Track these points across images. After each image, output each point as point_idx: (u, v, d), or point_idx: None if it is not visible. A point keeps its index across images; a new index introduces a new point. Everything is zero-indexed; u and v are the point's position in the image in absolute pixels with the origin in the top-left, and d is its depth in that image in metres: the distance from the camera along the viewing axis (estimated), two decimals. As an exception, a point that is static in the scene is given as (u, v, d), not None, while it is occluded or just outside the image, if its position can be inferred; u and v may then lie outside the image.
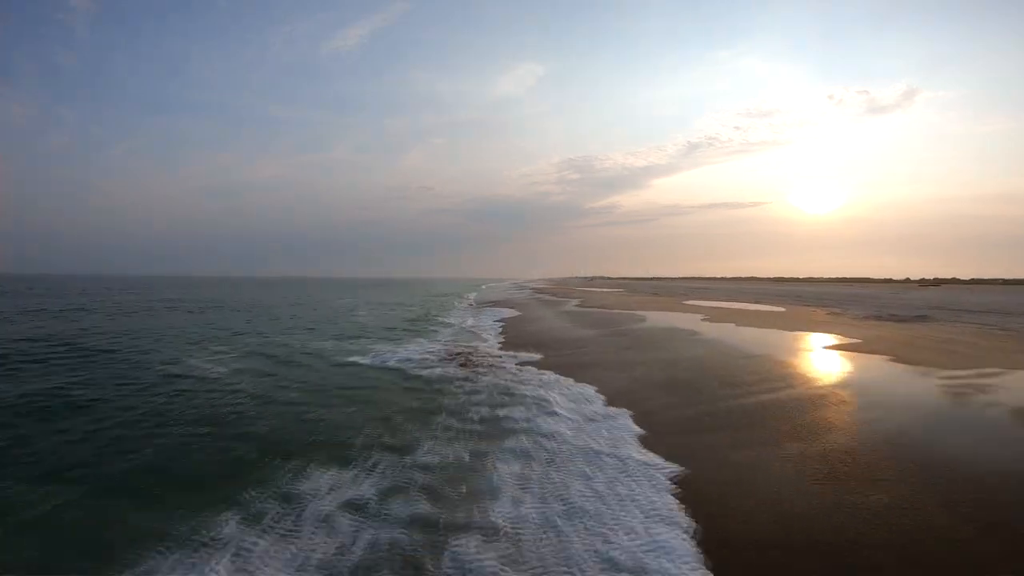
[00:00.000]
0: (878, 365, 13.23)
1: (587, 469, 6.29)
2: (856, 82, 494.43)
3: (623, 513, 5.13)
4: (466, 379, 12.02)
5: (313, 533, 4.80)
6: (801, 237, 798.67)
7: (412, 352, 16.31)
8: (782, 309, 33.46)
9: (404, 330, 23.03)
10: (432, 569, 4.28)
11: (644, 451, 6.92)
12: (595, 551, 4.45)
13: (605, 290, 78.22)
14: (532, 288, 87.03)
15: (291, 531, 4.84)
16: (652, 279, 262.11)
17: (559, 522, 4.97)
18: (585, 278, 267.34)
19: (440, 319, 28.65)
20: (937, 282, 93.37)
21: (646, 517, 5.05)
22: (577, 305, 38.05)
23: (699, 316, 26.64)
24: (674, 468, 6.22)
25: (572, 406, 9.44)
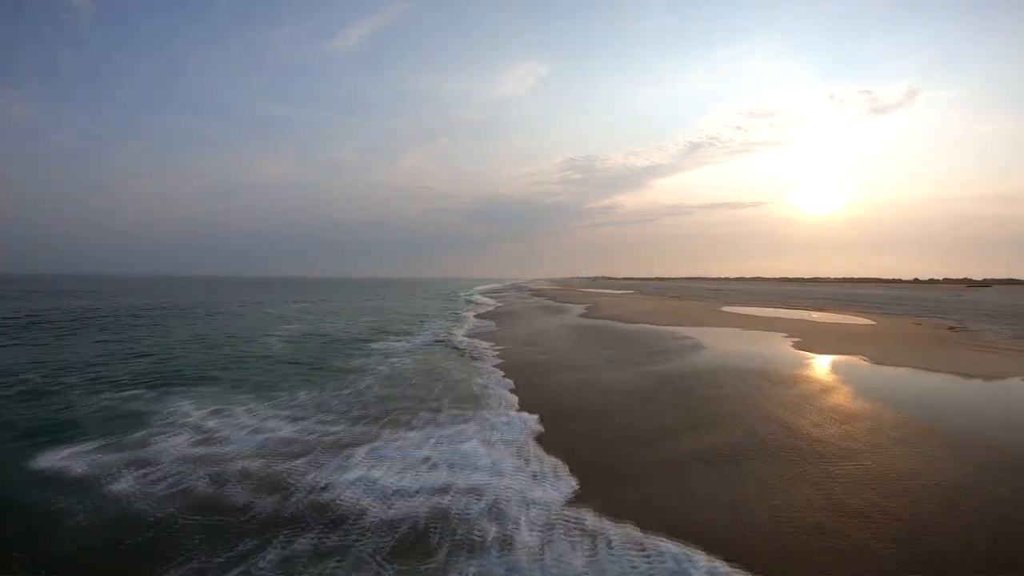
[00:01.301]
0: None
1: None
2: (858, 82, 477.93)
3: None
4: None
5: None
6: (802, 237, 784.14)
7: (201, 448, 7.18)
8: (870, 321, 23.92)
9: (306, 367, 13.68)
10: None
11: None
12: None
13: (613, 292, 68.69)
14: (532, 290, 77.37)
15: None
16: (656, 279, 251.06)
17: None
18: (588, 278, 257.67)
19: (390, 339, 19.35)
20: (987, 283, 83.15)
21: None
22: (587, 314, 28.65)
23: (782, 337, 17.17)
24: None
25: None
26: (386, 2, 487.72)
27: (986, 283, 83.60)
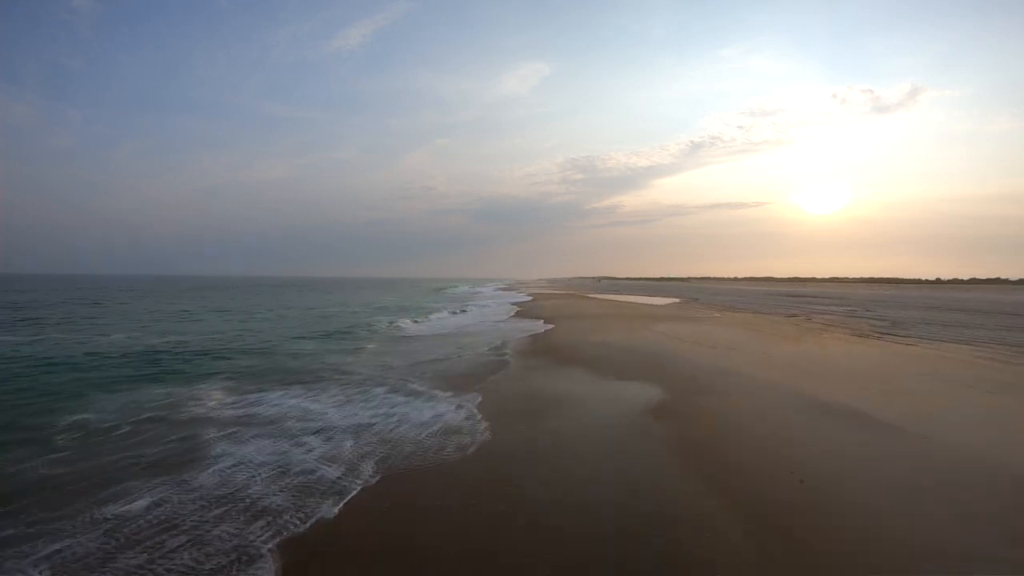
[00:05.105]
0: None
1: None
2: (860, 81, 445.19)
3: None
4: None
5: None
6: (804, 237, 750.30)
7: None
8: None
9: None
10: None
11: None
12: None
13: (651, 303, 46.12)
14: (527, 294, 54.73)
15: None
16: (664, 279, 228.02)
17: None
18: (593, 279, 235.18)
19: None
20: None
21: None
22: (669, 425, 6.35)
23: None
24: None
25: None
26: (387, 1, 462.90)
27: None
